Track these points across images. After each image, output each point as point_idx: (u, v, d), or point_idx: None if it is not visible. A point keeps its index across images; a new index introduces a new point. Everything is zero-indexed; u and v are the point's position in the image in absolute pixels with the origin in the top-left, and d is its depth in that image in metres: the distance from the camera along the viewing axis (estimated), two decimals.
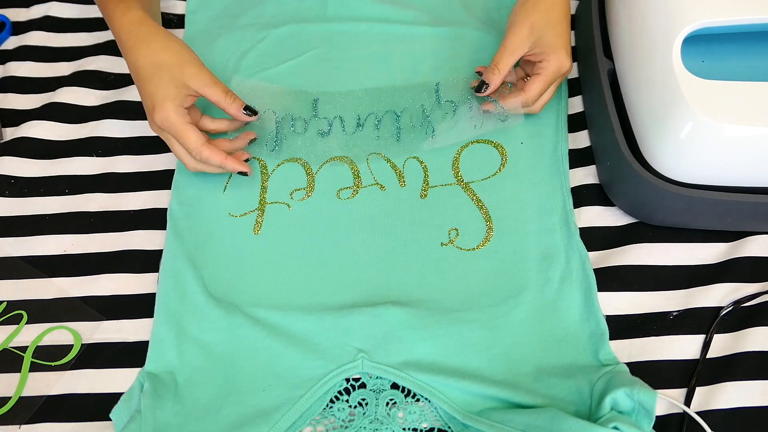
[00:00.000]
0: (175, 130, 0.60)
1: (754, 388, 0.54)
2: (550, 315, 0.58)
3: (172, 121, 0.60)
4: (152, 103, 0.60)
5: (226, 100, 0.63)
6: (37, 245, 0.64)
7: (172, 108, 0.60)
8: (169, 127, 0.60)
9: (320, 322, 0.57)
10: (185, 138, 0.60)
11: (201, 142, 0.61)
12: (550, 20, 0.63)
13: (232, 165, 0.62)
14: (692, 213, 0.60)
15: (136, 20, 0.62)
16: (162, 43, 0.62)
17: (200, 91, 0.62)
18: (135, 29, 0.62)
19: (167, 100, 0.60)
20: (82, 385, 0.57)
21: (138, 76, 0.61)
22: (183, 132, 0.60)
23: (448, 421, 0.54)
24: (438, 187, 0.65)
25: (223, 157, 0.62)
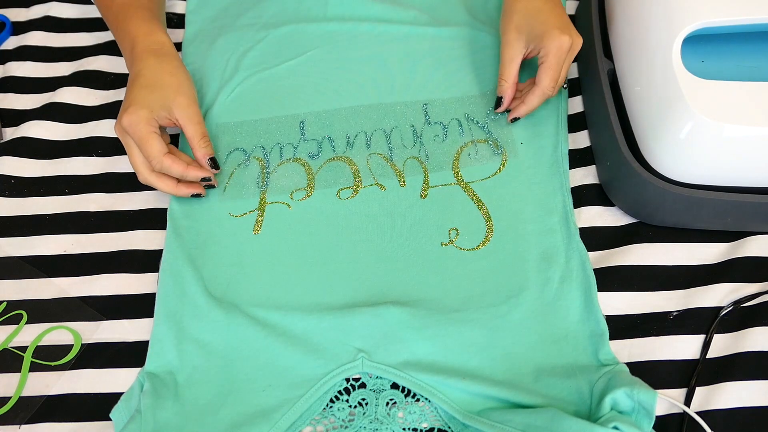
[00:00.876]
0: (140, 135, 0.59)
1: (754, 388, 0.54)
2: (550, 315, 0.58)
3: (140, 125, 0.59)
4: (128, 105, 0.60)
5: (200, 141, 0.63)
6: (37, 245, 0.64)
7: (145, 115, 0.60)
8: (135, 131, 0.59)
9: (320, 322, 0.57)
10: (149, 144, 0.59)
11: (163, 152, 0.60)
12: (530, 13, 0.64)
13: (194, 172, 0.62)
14: (692, 213, 0.60)
15: (158, 41, 0.65)
16: (172, 68, 0.63)
17: (181, 122, 0.62)
18: (155, 47, 0.64)
19: (144, 108, 0.60)
20: (82, 385, 0.57)
21: (133, 80, 0.62)
22: (148, 138, 0.59)
23: (448, 421, 0.54)
24: (438, 187, 0.65)
25: (184, 167, 0.61)
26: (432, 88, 0.71)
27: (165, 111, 0.61)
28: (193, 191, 0.63)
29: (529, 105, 0.65)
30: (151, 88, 0.61)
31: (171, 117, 0.62)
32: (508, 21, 0.65)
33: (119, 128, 0.61)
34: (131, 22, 0.66)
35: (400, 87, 0.71)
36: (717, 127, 0.54)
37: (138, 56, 0.64)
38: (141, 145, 0.60)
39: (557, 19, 0.63)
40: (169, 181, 0.62)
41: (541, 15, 0.63)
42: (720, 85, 0.56)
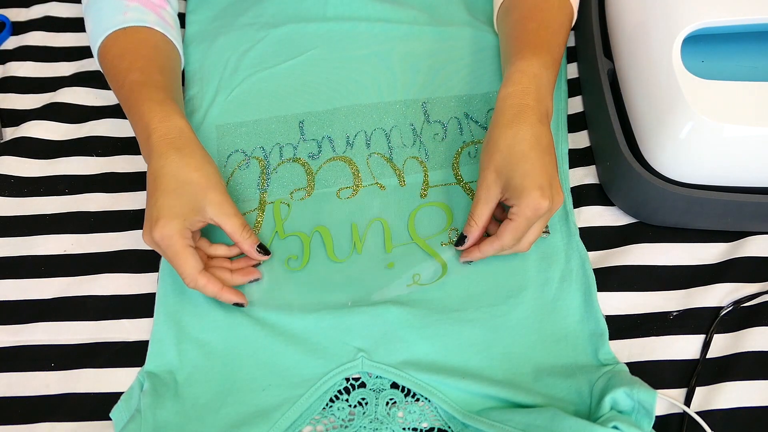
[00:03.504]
0: (173, 252, 0.55)
1: (754, 388, 0.54)
2: (550, 315, 0.58)
3: (173, 241, 0.55)
4: (158, 216, 0.55)
5: (242, 234, 0.58)
6: (37, 245, 0.64)
7: (178, 228, 0.55)
8: (168, 246, 0.55)
9: (320, 322, 0.57)
10: (182, 263, 0.55)
11: (198, 270, 0.56)
12: (512, 158, 0.55)
13: (227, 296, 0.57)
14: (692, 213, 0.60)
15: (175, 128, 0.58)
16: (196, 163, 0.57)
17: (217, 220, 0.57)
18: (173, 136, 0.58)
19: (176, 218, 0.55)
20: (82, 385, 0.57)
21: (156, 184, 0.56)
22: (181, 256, 0.55)
23: (448, 421, 0.54)
24: (438, 187, 0.65)
25: (219, 287, 0.57)
26: (432, 88, 0.71)
27: (198, 215, 0.56)
28: (235, 300, 0.58)
29: (483, 252, 0.58)
30: (178, 192, 0.56)
31: (205, 218, 0.57)
32: (488, 159, 0.56)
33: (150, 240, 0.56)
34: (144, 105, 0.59)
35: (400, 86, 0.71)
36: (717, 127, 0.54)
37: (156, 149, 0.57)
38: (175, 261, 0.55)
39: (541, 174, 0.54)
40: (216, 284, 0.57)
41: (525, 165, 0.54)
42: (720, 85, 0.56)
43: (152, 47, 0.65)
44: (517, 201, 0.54)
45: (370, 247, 0.62)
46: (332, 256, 0.62)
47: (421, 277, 0.60)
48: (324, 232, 0.63)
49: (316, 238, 0.63)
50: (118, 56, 0.63)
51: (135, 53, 0.63)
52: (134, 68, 0.62)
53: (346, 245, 0.62)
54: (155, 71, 0.62)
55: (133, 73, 0.61)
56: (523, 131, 0.55)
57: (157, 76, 0.62)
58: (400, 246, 0.62)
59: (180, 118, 0.59)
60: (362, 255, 0.62)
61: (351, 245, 0.62)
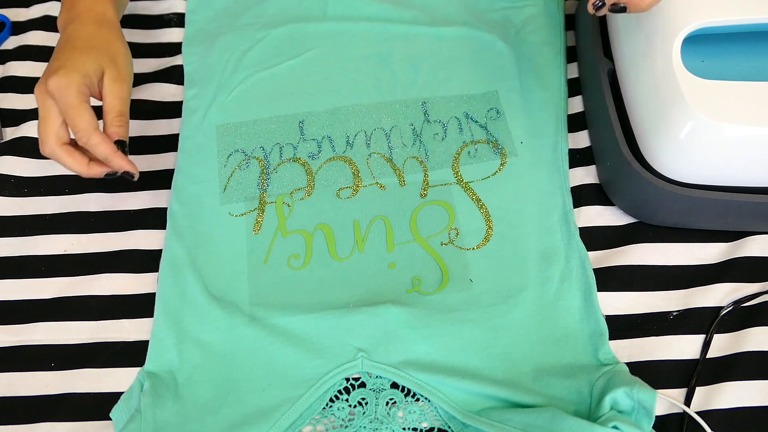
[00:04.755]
0: (70, 102, 0.53)
1: (754, 388, 0.54)
2: (550, 315, 0.58)
3: (71, 90, 0.53)
4: (59, 66, 0.54)
5: (114, 119, 0.56)
6: (37, 245, 0.64)
7: (78, 80, 0.54)
8: (64, 95, 0.53)
9: (320, 322, 0.57)
10: (80, 113, 0.53)
11: (94, 126, 0.54)
12: None
13: (119, 162, 0.56)
14: (692, 213, 0.60)
15: (100, 12, 0.60)
16: (111, 38, 0.59)
17: (104, 91, 0.56)
18: (95, 15, 0.59)
19: (78, 72, 0.54)
20: (82, 385, 0.57)
21: (65, 42, 0.57)
22: (79, 106, 0.53)
23: (448, 421, 0.54)
24: (438, 187, 0.65)
25: (113, 149, 0.55)
26: (432, 88, 0.71)
27: (98, 77, 0.56)
28: (106, 171, 0.57)
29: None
30: (85, 51, 0.55)
31: (100, 86, 0.56)
32: None
33: (42, 91, 0.54)
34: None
35: (400, 86, 0.72)
36: (717, 127, 0.54)
37: (75, 19, 0.58)
38: (69, 113, 0.54)
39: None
40: (80, 159, 0.56)
41: None
42: (720, 85, 0.56)
43: None
44: None
45: (372, 247, 0.62)
46: (334, 256, 0.62)
47: (422, 282, 0.60)
48: (326, 230, 0.63)
49: (319, 237, 0.63)
50: None
51: None
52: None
53: (348, 244, 0.62)
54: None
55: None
56: None
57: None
58: (401, 245, 0.62)
59: (110, 7, 0.61)
60: (364, 254, 0.62)
61: (353, 244, 0.62)
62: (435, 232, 0.63)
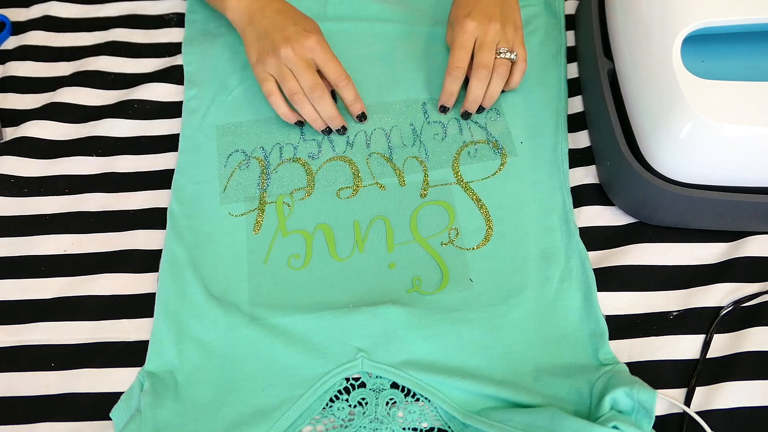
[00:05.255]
0: (327, 54, 0.64)
1: (754, 388, 0.54)
2: (550, 315, 0.58)
3: (322, 44, 0.64)
4: (287, 36, 0.63)
5: (346, 83, 0.66)
6: (37, 245, 0.64)
7: (317, 38, 0.64)
8: (324, 49, 0.64)
9: (320, 322, 0.57)
10: (335, 62, 0.65)
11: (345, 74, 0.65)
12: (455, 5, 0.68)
13: (359, 105, 0.67)
14: (692, 213, 0.60)
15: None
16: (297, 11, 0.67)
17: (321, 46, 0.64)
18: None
19: (313, 32, 0.64)
20: (82, 385, 0.57)
21: (260, 23, 0.66)
22: (333, 57, 0.65)
23: (448, 421, 0.54)
24: (438, 186, 0.65)
25: (356, 93, 0.67)
26: (432, 88, 0.71)
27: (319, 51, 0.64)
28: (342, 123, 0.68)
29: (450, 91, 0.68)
30: (291, 20, 0.65)
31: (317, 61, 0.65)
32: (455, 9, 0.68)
33: (299, 50, 0.64)
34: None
35: (400, 86, 0.72)
36: (717, 127, 0.54)
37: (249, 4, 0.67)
38: (328, 61, 0.65)
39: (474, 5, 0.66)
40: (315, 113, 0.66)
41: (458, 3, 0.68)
42: (720, 85, 0.56)
43: None
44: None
45: (372, 247, 0.62)
46: (334, 256, 0.62)
47: (422, 282, 0.60)
48: (326, 230, 0.63)
49: (319, 236, 0.63)
50: None
51: None
52: None
53: (348, 244, 0.62)
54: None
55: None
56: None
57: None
58: (401, 245, 0.62)
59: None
60: (364, 254, 0.62)
61: (353, 244, 0.62)
62: (435, 232, 0.63)
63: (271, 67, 0.64)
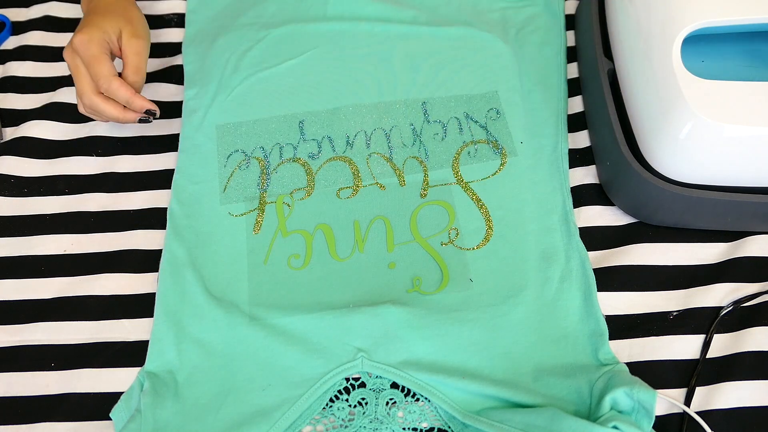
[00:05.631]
0: (91, 53, 0.60)
1: (754, 388, 0.54)
2: (550, 315, 0.58)
3: (92, 44, 0.61)
4: (81, 27, 0.62)
5: (134, 75, 0.63)
6: (37, 245, 0.64)
7: (98, 35, 0.61)
8: (86, 49, 0.60)
9: (320, 322, 0.57)
10: (99, 62, 0.60)
11: (113, 73, 0.61)
12: None
13: (139, 102, 0.62)
14: (692, 213, 0.60)
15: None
16: (127, 5, 0.66)
17: (124, 50, 0.63)
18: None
19: (97, 29, 0.61)
20: (82, 385, 0.57)
21: (87, 12, 0.65)
22: (99, 57, 0.61)
23: (448, 421, 0.54)
24: (438, 187, 0.65)
25: (131, 91, 0.62)
26: (432, 88, 0.71)
27: (116, 36, 0.62)
28: (140, 116, 0.64)
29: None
30: (103, 14, 0.63)
31: (119, 43, 0.63)
32: None
33: (69, 50, 0.61)
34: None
35: (400, 86, 0.71)
36: (717, 127, 0.54)
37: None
38: (90, 64, 0.60)
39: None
40: (116, 105, 0.62)
41: None
42: (720, 85, 0.56)
43: None
44: None
45: (372, 247, 0.62)
46: (334, 256, 0.62)
47: (422, 282, 0.60)
48: (326, 230, 0.63)
49: (319, 237, 0.63)
50: None
51: None
52: None
53: (348, 244, 0.62)
54: None
55: None
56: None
57: None
58: (401, 245, 0.62)
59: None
60: (364, 254, 0.62)
61: (353, 244, 0.62)
62: (435, 232, 0.63)
63: None
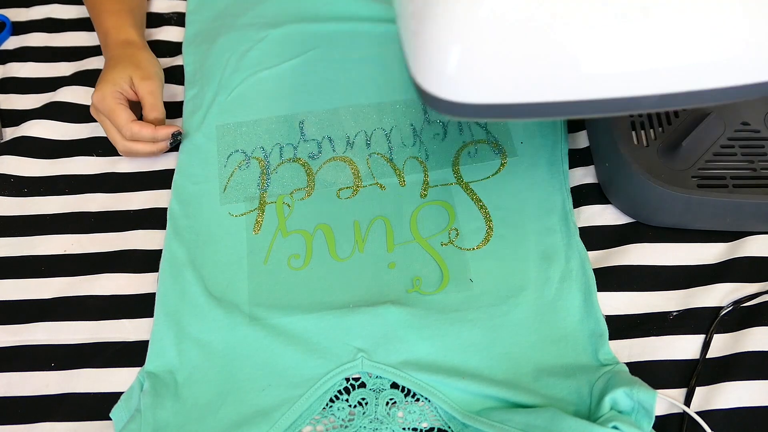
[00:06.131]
0: (108, 108, 0.65)
1: (754, 388, 0.54)
2: (550, 315, 0.58)
3: (107, 99, 0.65)
4: (97, 84, 0.66)
5: (152, 113, 0.67)
6: (37, 245, 0.64)
7: (110, 88, 0.65)
8: (102, 105, 0.65)
9: (320, 322, 0.57)
10: (116, 114, 0.65)
11: (131, 119, 0.65)
12: None
13: (164, 132, 0.66)
14: (692, 214, 0.60)
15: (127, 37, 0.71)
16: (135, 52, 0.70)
17: (139, 92, 0.67)
18: (123, 39, 0.70)
19: (108, 83, 0.66)
20: (82, 385, 0.57)
21: (105, 67, 0.69)
22: (115, 109, 0.65)
23: (447, 421, 0.54)
24: (438, 187, 0.65)
25: (152, 127, 0.65)
26: None
27: (127, 84, 0.67)
28: (172, 130, 0.66)
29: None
30: (113, 66, 0.67)
31: (133, 88, 0.67)
32: None
33: (93, 109, 0.67)
34: (102, 15, 0.72)
35: (400, 86, 0.71)
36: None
37: (109, 47, 0.70)
38: (111, 117, 0.65)
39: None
40: (144, 144, 0.66)
41: None
42: None
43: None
44: None
45: (372, 247, 0.62)
46: (334, 256, 0.62)
47: (422, 282, 0.60)
48: (326, 230, 0.63)
49: (319, 237, 0.63)
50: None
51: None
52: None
53: (348, 244, 0.62)
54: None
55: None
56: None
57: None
58: (401, 245, 0.62)
59: (132, 30, 0.72)
60: (364, 254, 0.62)
61: (353, 244, 0.62)
62: (435, 232, 0.63)
63: None
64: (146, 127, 0.65)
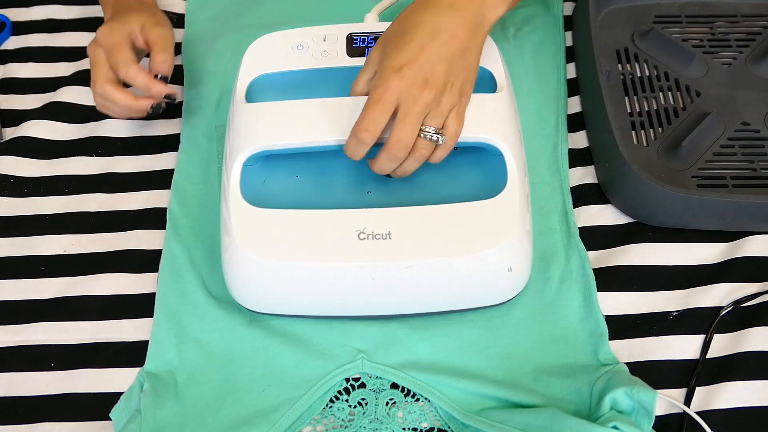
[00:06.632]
0: (112, 42, 0.61)
1: (754, 388, 0.54)
2: (550, 315, 0.58)
3: (114, 33, 0.61)
4: (105, 23, 0.63)
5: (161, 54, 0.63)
6: (37, 245, 0.64)
7: (119, 27, 0.62)
8: (107, 38, 0.61)
9: (320, 322, 0.57)
10: (119, 50, 0.61)
11: (133, 60, 0.61)
12: (394, 35, 0.52)
13: (158, 88, 0.62)
14: (691, 214, 0.60)
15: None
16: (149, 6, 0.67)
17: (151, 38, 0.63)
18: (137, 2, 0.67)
19: (119, 21, 0.63)
20: (82, 385, 0.57)
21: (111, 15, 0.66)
22: (119, 44, 0.61)
23: (447, 421, 0.54)
24: None
25: (150, 77, 0.62)
26: None
27: (139, 27, 0.63)
28: (152, 102, 0.63)
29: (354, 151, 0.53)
30: (126, 12, 0.64)
31: (143, 35, 0.63)
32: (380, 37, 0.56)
33: (92, 43, 0.63)
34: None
35: None
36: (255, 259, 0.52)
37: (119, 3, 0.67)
38: (111, 52, 0.61)
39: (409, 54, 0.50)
40: (127, 93, 0.62)
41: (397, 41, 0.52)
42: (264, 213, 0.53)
43: None
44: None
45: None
46: None
47: None
48: None
49: None
50: None
51: None
52: None
53: None
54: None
55: None
56: (425, 14, 0.50)
57: None
58: None
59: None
60: None
61: None
62: None
63: None
64: (144, 74, 0.61)
